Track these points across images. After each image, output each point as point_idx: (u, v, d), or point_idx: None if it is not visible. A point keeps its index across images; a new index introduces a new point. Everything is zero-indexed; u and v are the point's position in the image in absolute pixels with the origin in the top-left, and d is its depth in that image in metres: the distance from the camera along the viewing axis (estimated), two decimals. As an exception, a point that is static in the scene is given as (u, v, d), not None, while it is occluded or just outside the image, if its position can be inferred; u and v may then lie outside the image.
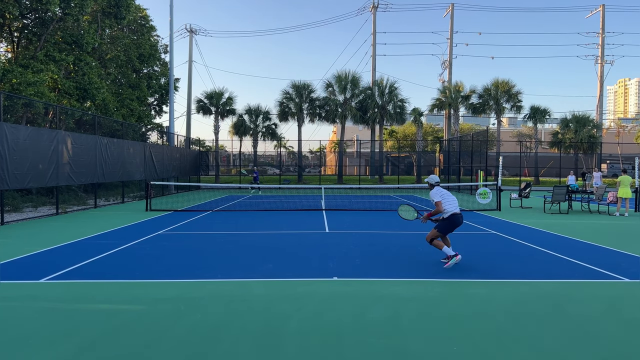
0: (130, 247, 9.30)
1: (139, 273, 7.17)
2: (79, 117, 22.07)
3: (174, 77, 30.43)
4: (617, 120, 69.10)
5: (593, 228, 12.62)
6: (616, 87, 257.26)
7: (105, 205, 18.72)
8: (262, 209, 17.76)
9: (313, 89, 39.29)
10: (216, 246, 9.58)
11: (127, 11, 24.62)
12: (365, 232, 11.52)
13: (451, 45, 42.94)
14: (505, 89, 39.49)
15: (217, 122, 39.19)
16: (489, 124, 53.95)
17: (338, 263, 7.88)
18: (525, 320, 5.01)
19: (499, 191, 17.55)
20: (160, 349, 4.22)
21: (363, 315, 5.17)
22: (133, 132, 24.66)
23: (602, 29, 45.46)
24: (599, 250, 9.20)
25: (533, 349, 4.23)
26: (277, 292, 6.11)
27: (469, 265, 7.70)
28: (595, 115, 43.72)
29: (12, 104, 17.45)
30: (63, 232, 11.44)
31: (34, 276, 6.87)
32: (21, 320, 4.97)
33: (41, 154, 13.95)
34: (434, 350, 4.19)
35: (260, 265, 7.75)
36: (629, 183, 15.79)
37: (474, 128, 56.53)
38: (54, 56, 20.15)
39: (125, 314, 5.17)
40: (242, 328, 4.75)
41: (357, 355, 4.10)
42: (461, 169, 29.64)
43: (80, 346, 4.27)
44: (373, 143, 39.88)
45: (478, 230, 12.01)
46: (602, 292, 6.17)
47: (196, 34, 40.93)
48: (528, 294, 6.05)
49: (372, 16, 45.53)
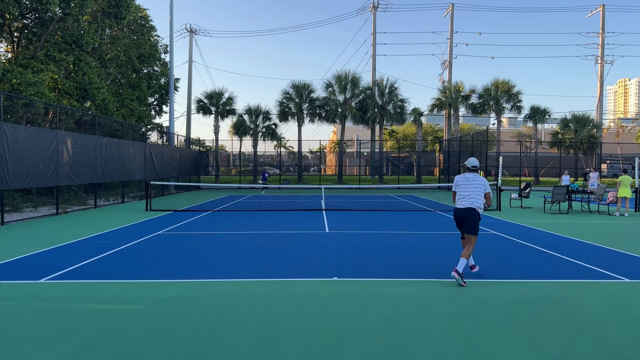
0: (130, 247, 9.30)
1: (139, 273, 7.17)
2: (79, 117, 22.07)
3: (174, 77, 30.44)
4: (617, 120, 69.14)
5: (593, 228, 12.62)
6: (616, 87, 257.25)
7: (105, 205, 18.71)
8: (262, 209, 17.76)
9: (313, 89, 39.32)
10: (216, 246, 9.58)
11: (127, 11, 24.62)
12: (365, 232, 11.52)
13: (451, 45, 42.94)
14: (505, 89, 39.48)
15: (217, 122, 39.20)
16: (489, 124, 53.94)
17: (338, 263, 7.88)
18: (525, 320, 5.01)
19: (499, 191, 17.55)
20: (160, 349, 4.22)
21: (363, 315, 5.17)
22: (133, 132, 24.67)
23: (602, 29, 45.46)
24: (599, 250, 9.20)
25: (533, 349, 4.23)
26: (277, 292, 6.11)
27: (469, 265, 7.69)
28: (595, 115, 43.72)
29: (12, 104, 17.45)
30: (63, 232, 11.43)
31: (34, 276, 6.87)
32: (21, 320, 4.97)
33: (41, 154, 13.94)
34: (434, 350, 4.19)
35: (260, 265, 7.74)
36: (629, 183, 15.81)
37: (474, 128, 56.53)
38: (54, 56, 20.15)
39: (125, 314, 5.17)
40: (242, 328, 4.75)
41: (357, 355, 4.10)
42: (461, 169, 29.60)
43: (80, 346, 4.27)
44: (373, 143, 39.88)
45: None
46: (602, 292, 6.17)
47: (196, 34, 40.97)
48: (528, 294, 6.05)
49: (372, 16, 45.55)
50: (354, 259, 8.21)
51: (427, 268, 7.49)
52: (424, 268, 7.50)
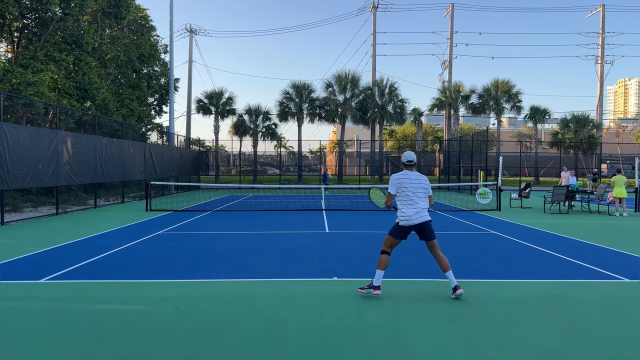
0: (130, 247, 9.29)
1: (139, 273, 7.16)
2: (79, 117, 22.07)
3: (174, 77, 30.44)
4: (617, 121, 69.11)
5: (593, 228, 12.62)
6: (616, 87, 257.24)
7: (105, 205, 18.71)
8: (262, 209, 17.76)
9: (313, 89, 39.34)
10: (216, 246, 9.58)
11: (127, 11, 24.62)
12: (365, 232, 11.52)
13: (451, 45, 42.93)
14: (505, 89, 39.48)
15: (217, 122, 39.22)
16: (489, 124, 53.94)
17: (338, 263, 7.88)
18: (525, 320, 5.01)
19: (499, 191, 17.55)
20: (160, 349, 4.22)
21: (363, 315, 5.17)
22: (133, 132, 24.67)
23: (602, 29, 45.45)
24: (599, 250, 9.20)
25: (533, 349, 4.23)
26: (277, 292, 6.11)
27: (469, 265, 7.70)
28: (595, 115, 43.70)
29: (12, 104, 17.45)
30: (63, 232, 11.43)
31: (34, 276, 6.87)
32: (21, 320, 4.97)
33: (41, 154, 13.94)
34: (434, 350, 4.19)
35: (260, 265, 7.74)
36: (624, 183, 15.87)
37: (474, 128, 56.56)
38: (54, 56, 20.15)
39: (125, 314, 5.17)
40: (242, 328, 4.75)
41: (357, 355, 4.10)
42: (461, 169, 29.64)
43: (80, 346, 4.26)
44: (373, 143, 39.88)
45: (478, 231, 12.01)
46: (602, 292, 6.16)
47: (196, 34, 40.96)
48: (528, 294, 6.05)
49: (372, 16, 45.54)
50: (354, 259, 8.21)
51: (427, 268, 7.49)
52: (424, 268, 7.50)
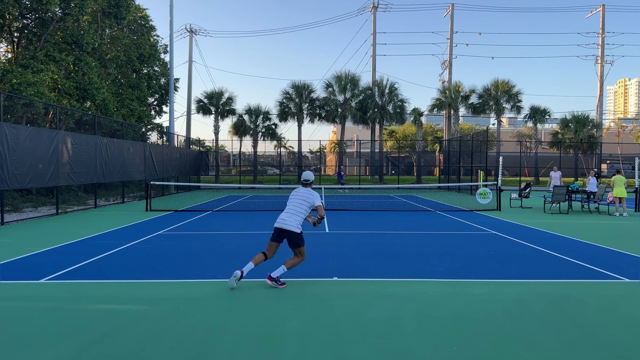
0: (130, 247, 9.30)
1: (139, 273, 7.17)
2: (79, 117, 22.07)
3: (174, 77, 30.42)
4: (617, 121, 69.11)
5: (593, 228, 12.62)
6: (616, 87, 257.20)
7: (105, 206, 18.71)
8: (262, 209, 17.76)
9: (313, 89, 39.33)
10: (216, 246, 9.59)
11: (127, 11, 24.62)
12: (365, 232, 11.52)
13: (451, 46, 42.92)
14: (505, 89, 39.48)
15: (217, 122, 39.21)
16: (489, 124, 53.96)
17: (338, 263, 7.88)
18: (525, 320, 5.01)
19: (499, 191, 17.55)
20: (160, 349, 4.22)
21: (363, 315, 5.17)
22: (133, 132, 24.67)
23: (602, 29, 45.45)
24: (599, 250, 9.20)
25: (533, 349, 4.23)
26: (277, 291, 6.12)
27: (469, 265, 7.71)
28: (595, 115, 43.70)
29: (12, 104, 17.44)
30: (63, 232, 11.44)
31: (34, 276, 6.87)
32: (21, 320, 4.97)
33: (41, 154, 13.94)
34: (434, 350, 4.19)
35: (260, 265, 7.73)
36: (623, 183, 15.88)
37: (473, 128, 56.56)
38: (54, 56, 20.14)
39: (125, 314, 5.17)
40: (242, 328, 4.75)
41: (357, 355, 4.10)
42: (461, 169, 29.64)
43: (80, 346, 4.27)
44: (373, 143, 39.88)
45: (478, 231, 12.01)
46: (602, 292, 6.17)
47: (196, 34, 40.96)
48: (528, 294, 6.05)
49: (372, 16, 45.53)
50: (354, 259, 8.21)
51: (427, 268, 7.50)
52: (424, 268, 7.51)
